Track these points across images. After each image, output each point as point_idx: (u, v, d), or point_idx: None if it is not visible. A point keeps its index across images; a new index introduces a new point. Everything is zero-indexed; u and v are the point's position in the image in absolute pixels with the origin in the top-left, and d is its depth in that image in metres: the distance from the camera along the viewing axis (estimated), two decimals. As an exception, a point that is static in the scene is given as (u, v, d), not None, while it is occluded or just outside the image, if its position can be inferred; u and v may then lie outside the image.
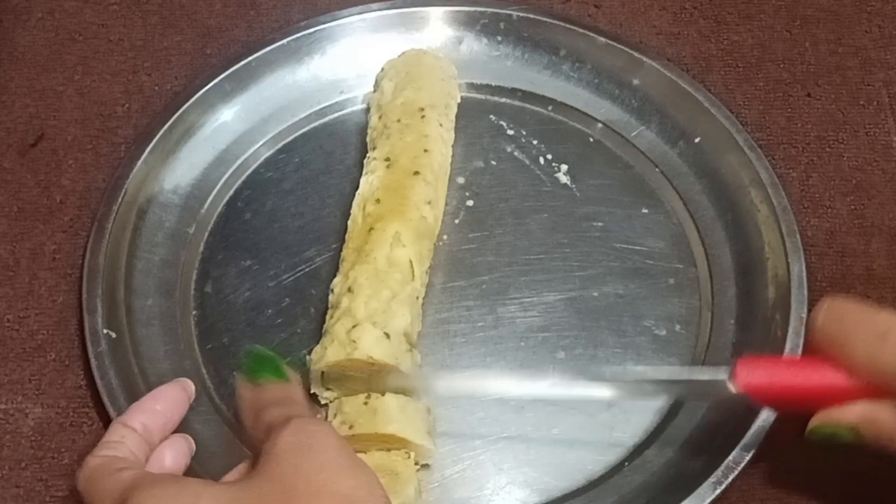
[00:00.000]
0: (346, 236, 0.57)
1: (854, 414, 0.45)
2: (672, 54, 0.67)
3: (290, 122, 0.65)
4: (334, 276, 0.55)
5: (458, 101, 0.63)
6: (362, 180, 0.58)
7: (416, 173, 0.57)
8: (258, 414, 0.43)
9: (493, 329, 0.57)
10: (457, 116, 0.62)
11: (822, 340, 0.46)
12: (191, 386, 0.52)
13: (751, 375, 0.46)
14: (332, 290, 0.55)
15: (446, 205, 0.60)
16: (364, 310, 0.52)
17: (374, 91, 0.64)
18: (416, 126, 0.59)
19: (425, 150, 0.58)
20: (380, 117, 0.61)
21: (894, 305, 0.54)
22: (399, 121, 0.59)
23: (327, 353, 0.51)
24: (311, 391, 0.53)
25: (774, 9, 0.70)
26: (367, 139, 0.61)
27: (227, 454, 0.53)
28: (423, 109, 0.60)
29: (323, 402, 0.53)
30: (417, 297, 0.55)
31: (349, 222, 0.57)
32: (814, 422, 0.46)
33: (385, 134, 0.59)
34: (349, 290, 0.53)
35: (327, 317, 0.54)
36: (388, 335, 0.51)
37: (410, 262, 0.54)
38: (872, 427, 0.45)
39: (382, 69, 0.64)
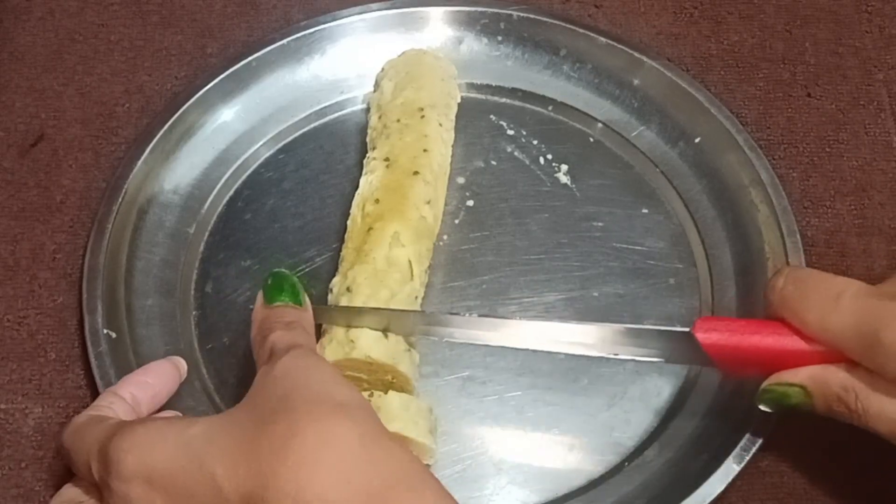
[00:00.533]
0: (346, 236, 0.57)
1: (803, 375, 0.46)
2: (672, 54, 0.67)
3: (290, 122, 0.65)
4: (334, 275, 0.55)
5: (459, 101, 0.63)
6: (362, 180, 0.58)
7: (416, 173, 0.57)
8: (265, 333, 0.46)
9: (493, 329, 0.57)
10: (457, 116, 0.62)
11: (780, 304, 0.47)
12: (183, 364, 0.53)
13: (710, 332, 0.47)
14: (331, 290, 0.55)
15: (446, 205, 0.60)
16: None
17: (374, 91, 0.64)
18: (416, 126, 0.59)
19: (425, 150, 0.58)
20: (379, 117, 0.61)
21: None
22: (399, 121, 0.59)
23: (326, 353, 0.51)
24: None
25: (774, 9, 0.70)
26: (367, 139, 0.61)
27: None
28: (422, 109, 0.60)
29: None
30: (416, 297, 0.55)
31: (348, 222, 0.57)
32: (765, 384, 0.47)
33: (385, 134, 0.59)
34: (348, 289, 0.53)
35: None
36: (386, 335, 0.51)
37: (409, 262, 0.54)
38: (821, 388, 0.46)
39: (383, 69, 0.64)
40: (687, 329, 0.48)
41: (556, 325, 0.51)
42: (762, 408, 0.48)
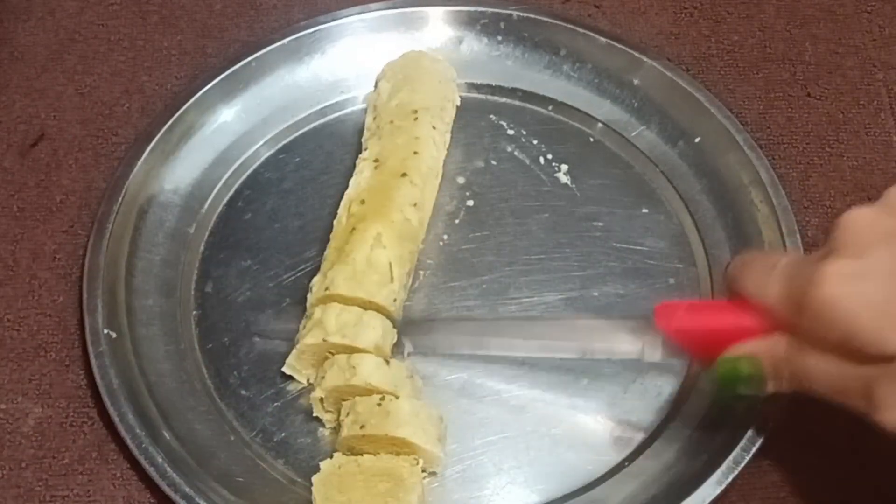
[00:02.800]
0: (331, 235, 0.56)
1: (751, 344, 0.48)
2: (672, 54, 0.67)
3: (290, 122, 0.65)
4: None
5: (457, 103, 0.63)
6: (351, 181, 0.58)
7: (404, 175, 0.57)
8: None
9: (493, 329, 0.57)
10: (457, 116, 0.62)
11: (729, 283, 0.49)
12: None
13: (670, 317, 0.49)
14: (311, 289, 0.55)
15: (446, 205, 0.60)
16: (335, 322, 0.52)
17: (373, 92, 0.64)
18: (408, 128, 0.59)
19: (415, 153, 0.58)
20: (374, 118, 0.61)
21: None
22: (392, 122, 0.59)
23: (326, 379, 0.52)
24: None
25: (774, 9, 0.70)
26: (363, 139, 0.61)
27: (228, 454, 0.53)
28: (416, 112, 0.59)
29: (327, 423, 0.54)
30: (395, 300, 0.54)
31: (335, 222, 0.57)
32: (721, 357, 0.49)
33: (377, 135, 0.59)
34: (326, 289, 0.53)
35: (300, 326, 0.54)
36: (388, 361, 0.52)
37: (390, 263, 0.54)
38: (769, 353, 0.47)
39: (382, 71, 0.63)
40: (649, 316, 0.50)
41: (525, 323, 0.54)
42: (722, 388, 0.50)
